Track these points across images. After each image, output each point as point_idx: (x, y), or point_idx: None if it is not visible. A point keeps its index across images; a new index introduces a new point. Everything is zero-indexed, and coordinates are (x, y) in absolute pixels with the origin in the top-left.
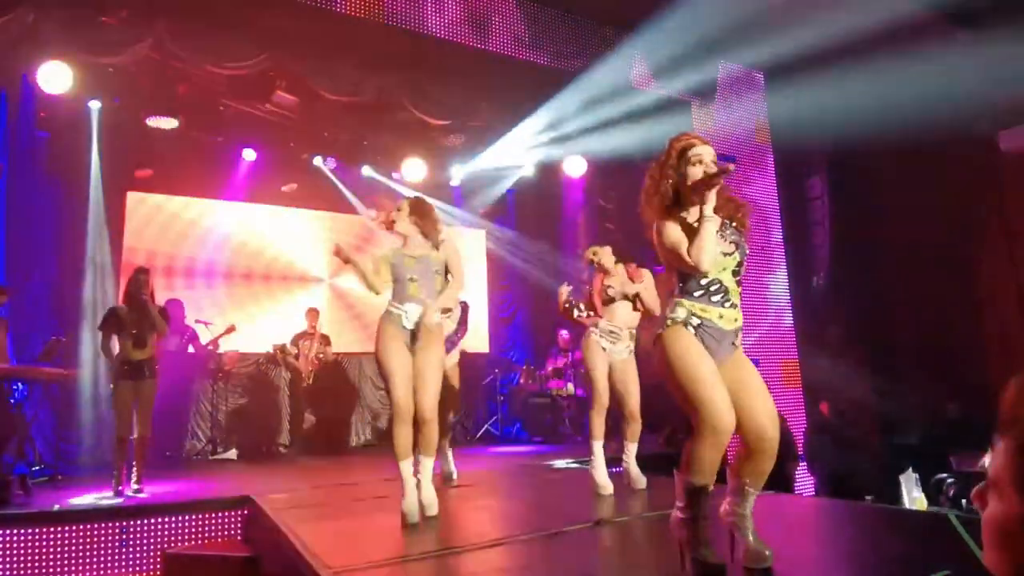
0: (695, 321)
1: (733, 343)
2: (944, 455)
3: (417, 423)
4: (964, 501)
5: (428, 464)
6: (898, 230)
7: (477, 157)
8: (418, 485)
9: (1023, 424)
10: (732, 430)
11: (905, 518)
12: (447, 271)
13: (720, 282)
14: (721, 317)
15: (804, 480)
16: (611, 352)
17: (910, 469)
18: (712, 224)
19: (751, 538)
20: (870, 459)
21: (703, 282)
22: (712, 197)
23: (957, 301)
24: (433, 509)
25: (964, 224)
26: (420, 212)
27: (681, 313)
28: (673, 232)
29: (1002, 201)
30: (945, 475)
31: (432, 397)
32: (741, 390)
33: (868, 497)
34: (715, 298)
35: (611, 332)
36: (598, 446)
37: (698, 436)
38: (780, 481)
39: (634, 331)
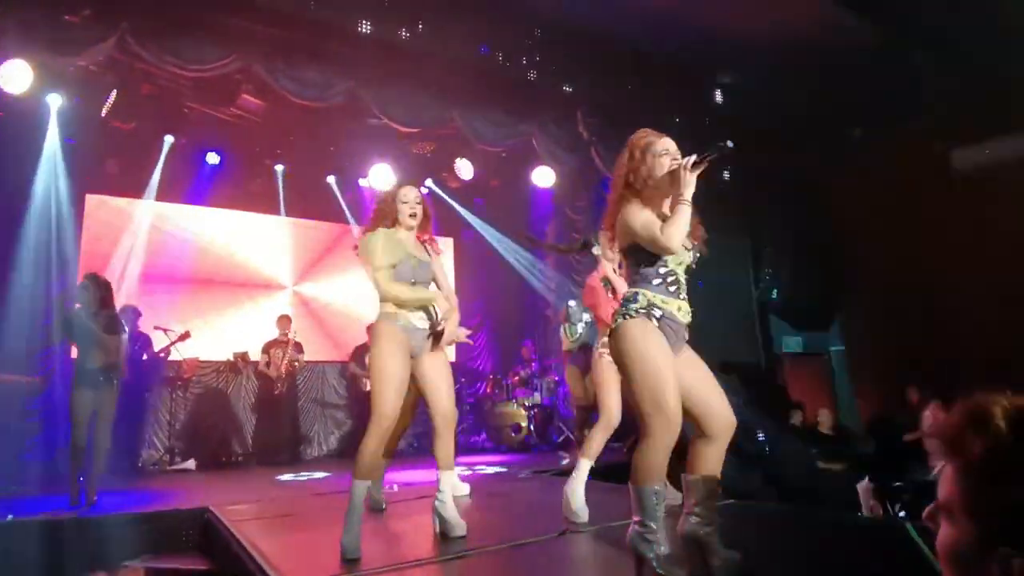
0: (657, 312)
1: (684, 336)
2: (902, 464)
3: (439, 433)
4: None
5: (451, 478)
6: (854, 245)
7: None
8: (443, 504)
9: (969, 450)
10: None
11: (862, 527)
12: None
13: (675, 274)
14: (679, 309)
15: None
16: None
17: (867, 479)
18: (688, 208)
19: (719, 546)
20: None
21: (662, 271)
22: (692, 183)
23: (914, 316)
24: (461, 530)
25: (918, 240)
26: (426, 211)
27: (643, 301)
28: (644, 213)
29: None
30: (901, 484)
31: (451, 402)
32: (698, 381)
33: None
34: (672, 288)
35: None
36: (587, 466)
37: (650, 439)
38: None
39: None
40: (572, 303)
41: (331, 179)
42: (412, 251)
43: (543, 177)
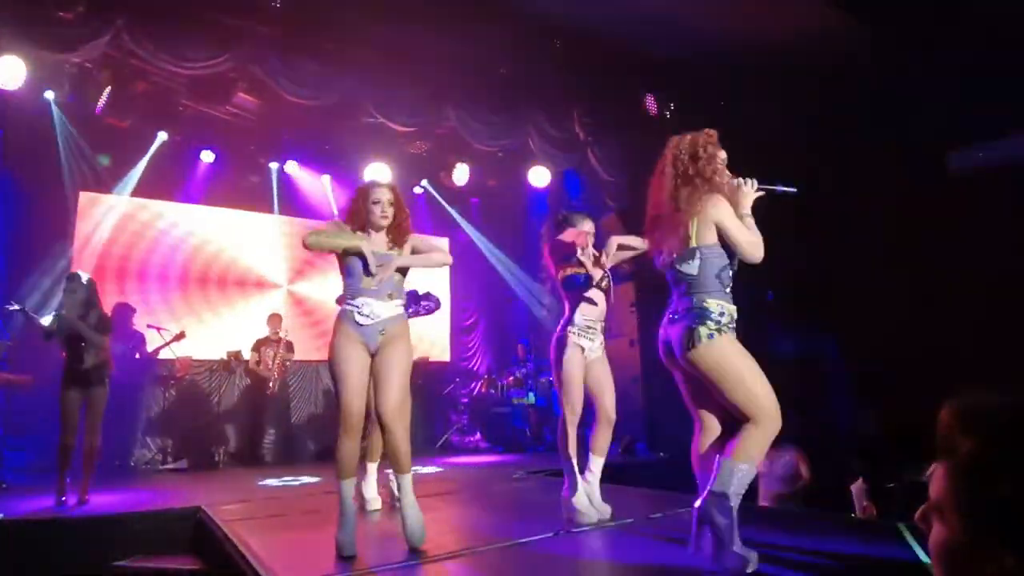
0: (734, 324)
1: None
2: (894, 464)
3: (381, 433)
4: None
5: (403, 482)
6: (849, 248)
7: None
8: (399, 508)
9: (960, 450)
10: None
11: (856, 527)
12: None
13: (731, 271)
14: (738, 311)
15: None
16: (588, 351)
17: (860, 479)
18: (752, 222)
19: (738, 541)
20: None
21: (730, 272)
22: (751, 201)
23: (909, 319)
24: (419, 539)
25: (914, 243)
26: (399, 203)
27: (728, 315)
28: (737, 219)
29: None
30: (894, 484)
31: (391, 400)
32: None
33: None
34: (728, 291)
35: (588, 328)
36: (571, 467)
37: (758, 427)
38: None
39: (604, 323)
40: None
41: (326, 178)
42: (374, 248)
43: (539, 177)
